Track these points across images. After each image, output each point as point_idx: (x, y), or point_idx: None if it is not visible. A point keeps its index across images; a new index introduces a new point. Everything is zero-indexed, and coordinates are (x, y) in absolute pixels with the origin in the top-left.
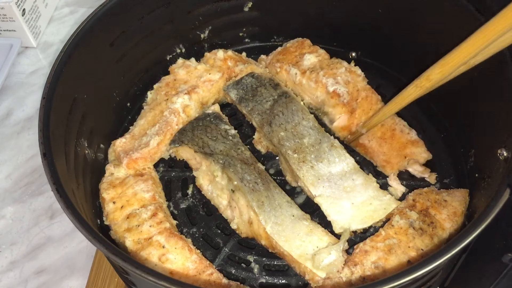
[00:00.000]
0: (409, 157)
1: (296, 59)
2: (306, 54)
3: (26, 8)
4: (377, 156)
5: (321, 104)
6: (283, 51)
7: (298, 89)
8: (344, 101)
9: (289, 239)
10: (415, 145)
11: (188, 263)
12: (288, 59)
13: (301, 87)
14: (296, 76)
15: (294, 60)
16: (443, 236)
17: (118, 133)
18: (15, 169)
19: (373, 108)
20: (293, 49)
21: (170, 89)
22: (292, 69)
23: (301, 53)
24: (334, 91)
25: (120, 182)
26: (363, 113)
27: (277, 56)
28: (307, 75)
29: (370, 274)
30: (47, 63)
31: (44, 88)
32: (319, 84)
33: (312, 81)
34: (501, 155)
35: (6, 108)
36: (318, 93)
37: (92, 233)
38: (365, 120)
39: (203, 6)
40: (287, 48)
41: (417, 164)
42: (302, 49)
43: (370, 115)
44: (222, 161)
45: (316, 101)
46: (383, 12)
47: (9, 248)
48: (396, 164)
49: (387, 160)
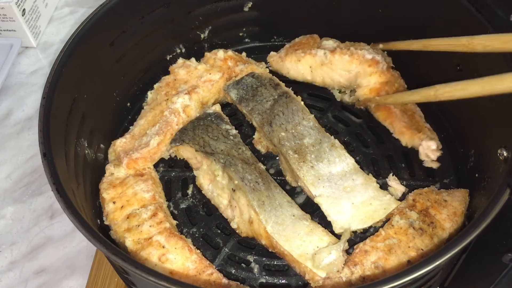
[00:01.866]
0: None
1: (316, 45)
2: (323, 41)
3: (26, 8)
4: (398, 121)
5: (354, 78)
6: (296, 44)
7: (326, 70)
8: (383, 67)
9: (289, 238)
10: (431, 132)
11: (188, 263)
12: (307, 47)
13: (331, 65)
14: (325, 55)
15: (314, 46)
16: (443, 236)
17: (118, 133)
18: (15, 169)
19: (397, 82)
20: (306, 41)
21: (170, 89)
22: (319, 51)
23: (316, 42)
24: (373, 58)
25: (120, 182)
26: (393, 86)
27: (293, 47)
28: (339, 51)
29: (370, 274)
30: (47, 63)
31: (44, 88)
32: (354, 56)
33: (346, 54)
34: (501, 155)
35: (6, 108)
36: (353, 65)
37: (92, 233)
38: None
39: (203, 6)
40: (299, 42)
41: (433, 142)
42: (314, 40)
43: (395, 87)
44: (223, 160)
45: (349, 76)
46: (383, 12)
47: (9, 248)
48: (414, 134)
49: (408, 127)
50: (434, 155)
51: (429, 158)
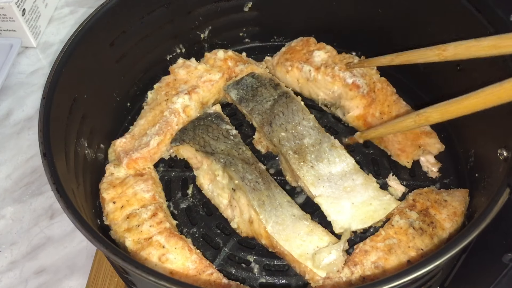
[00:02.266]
0: (423, 147)
1: (306, 56)
2: (315, 51)
3: (26, 8)
4: (392, 145)
5: (337, 99)
6: (290, 50)
7: (311, 86)
8: (363, 92)
9: (289, 238)
10: (429, 136)
11: (188, 263)
12: (297, 57)
13: (316, 83)
14: (310, 73)
15: (304, 57)
16: (443, 236)
17: (118, 133)
18: (15, 169)
19: (388, 99)
20: (300, 48)
21: (170, 89)
22: (305, 66)
23: (309, 50)
24: (354, 83)
25: (120, 182)
26: (379, 103)
27: (285, 56)
28: (322, 70)
29: (370, 274)
30: (47, 63)
31: (44, 88)
32: (336, 78)
33: (328, 76)
34: (501, 155)
35: (6, 108)
36: (335, 87)
37: (92, 233)
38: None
39: (203, 6)
40: (293, 47)
41: (431, 155)
42: (308, 47)
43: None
44: (223, 160)
45: (332, 96)
46: (383, 12)
47: (9, 248)
48: (411, 153)
49: (402, 149)
50: (435, 167)
51: (430, 170)
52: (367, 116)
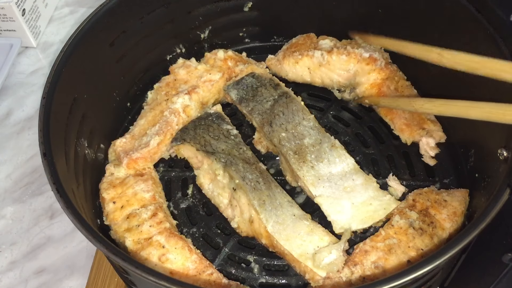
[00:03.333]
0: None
1: (313, 46)
2: (320, 41)
3: (26, 8)
4: (398, 118)
5: (353, 78)
6: (294, 45)
7: (324, 70)
8: (381, 64)
9: (289, 238)
10: (434, 123)
11: (188, 263)
12: (304, 48)
13: (329, 66)
14: (323, 56)
15: (311, 47)
16: (443, 236)
17: (118, 133)
18: (15, 169)
19: (401, 82)
20: (303, 41)
21: (170, 89)
22: (316, 52)
23: (313, 42)
24: (371, 56)
25: (120, 182)
26: (394, 81)
27: (290, 49)
28: (335, 51)
29: (370, 274)
30: (47, 63)
31: (44, 88)
32: (351, 55)
33: (343, 54)
34: (501, 155)
35: (6, 108)
36: (351, 65)
37: (92, 233)
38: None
39: (203, 6)
40: (296, 42)
41: (432, 139)
42: (311, 40)
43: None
44: (224, 159)
45: (347, 76)
46: (383, 12)
47: (9, 248)
48: (414, 131)
49: (408, 124)
50: (433, 151)
51: (427, 154)
52: (383, 85)
